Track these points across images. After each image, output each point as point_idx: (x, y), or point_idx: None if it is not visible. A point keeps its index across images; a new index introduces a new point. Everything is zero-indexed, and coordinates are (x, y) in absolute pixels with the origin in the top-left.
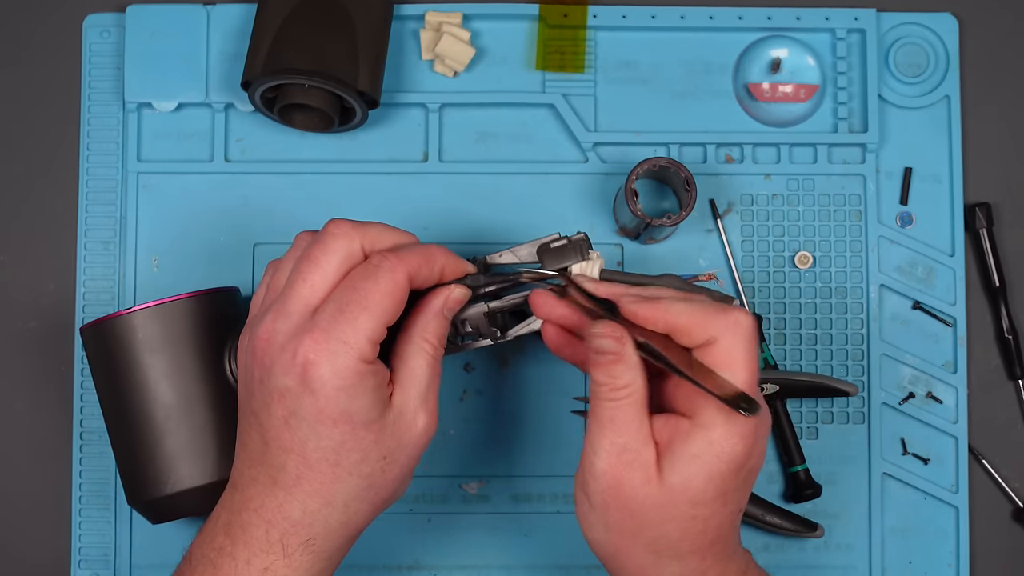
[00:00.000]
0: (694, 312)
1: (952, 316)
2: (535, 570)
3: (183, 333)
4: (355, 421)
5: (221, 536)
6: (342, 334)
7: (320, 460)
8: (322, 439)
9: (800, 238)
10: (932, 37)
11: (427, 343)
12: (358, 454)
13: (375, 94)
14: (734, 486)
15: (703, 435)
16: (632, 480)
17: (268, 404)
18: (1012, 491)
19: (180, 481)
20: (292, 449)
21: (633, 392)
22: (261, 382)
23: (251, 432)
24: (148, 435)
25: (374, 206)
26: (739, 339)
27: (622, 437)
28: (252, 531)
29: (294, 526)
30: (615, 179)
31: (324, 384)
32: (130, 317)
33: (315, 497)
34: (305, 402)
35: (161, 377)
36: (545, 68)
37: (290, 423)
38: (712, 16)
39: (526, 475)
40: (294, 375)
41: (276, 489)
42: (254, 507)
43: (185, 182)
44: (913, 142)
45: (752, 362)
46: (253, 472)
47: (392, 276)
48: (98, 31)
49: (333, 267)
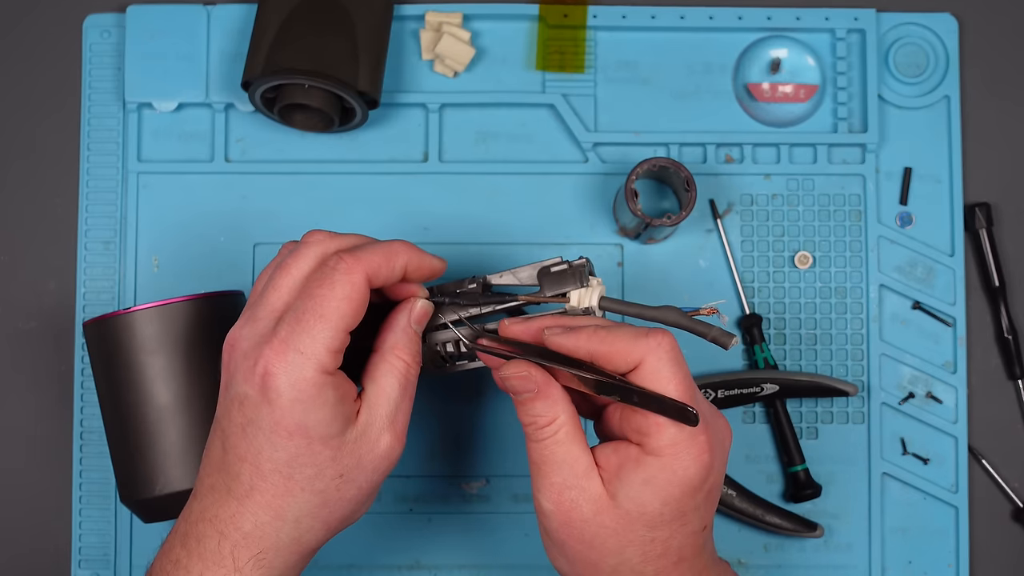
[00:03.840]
0: (616, 339)
1: (952, 316)
2: (535, 570)
3: (185, 335)
4: (311, 435)
5: (178, 548)
6: (299, 344)
7: (273, 471)
8: (276, 450)
9: (800, 238)
10: (932, 37)
11: (398, 359)
12: (312, 469)
13: (375, 94)
14: (692, 506)
15: (654, 460)
16: (581, 513)
17: (229, 410)
18: (1012, 491)
19: (171, 483)
20: (247, 458)
21: (559, 428)
22: (226, 388)
23: (214, 439)
24: (142, 435)
25: (374, 206)
26: (663, 358)
27: (559, 476)
28: (206, 543)
29: (245, 538)
30: (615, 179)
31: (281, 395)
32: (131, 316)
33: (266, 510)
34: (263, 411)
35: (159, 378)
36: (545, 68)
37: (247, 431)
38: (712, 16)
39: (526, 475)
40: (253, 384)
41: (230, 499)
42: (209, 517)
43: (185, 182)
44: (913, 142)
45: (681, 376)
46: (211, 480)
47: (348, 278)
48: (98, 31)
49: (302, 273)
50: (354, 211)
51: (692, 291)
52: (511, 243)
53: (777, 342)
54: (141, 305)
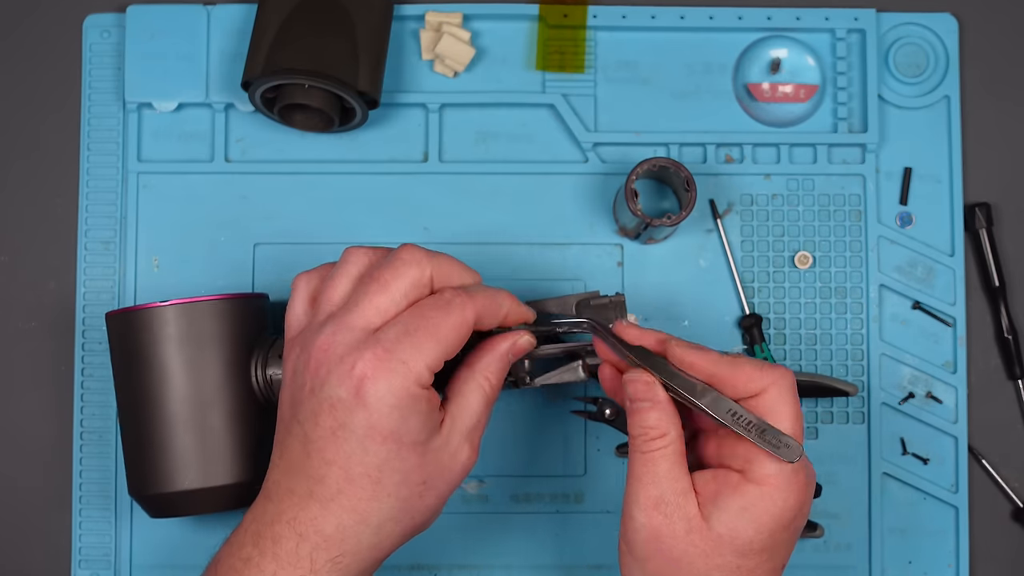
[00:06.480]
0: (741, 363)
1: (952, 316)
2: (535, 570)
3: (213, 333)
4: (403, 441)
5: (249, 547)
6: (404, 355)
7: (362, 475)
8: (368, 454)
9: (800, 238)
10: (932, 37)
11: (487, 382)
12: (400, 475)
13: (375, 94)
14: (783, 540)
15: (754, 489)
16: (674, 530)
17: (316, 414)
18: (1012, 491)
19: (186, 481)
20: (335, 462)
21: (668, 443)
22: (312, 392)
23: (292, 442)
24: (160, 431)
25: (374, 206)
26: (785, 391)
27: (658, 489)
28: (283, 543)
29: (326, 541)
30: (615, 179)
31: (379, 400)
32: (160, 311)
33: (351, 513)
34: (357, 416)
35: (184, 375)
36: (545, 68)
37: (337, 435)
38: (712, 16)
39: (526, 475)
40: (348, 387)
41: (312, 502)
42: (287, 519)
43: (185, 182)
44: (913, 142)
45: (797, 412)
46: (289, 483)
47: (462, 313)
48: (98, 31)
49: (401, 292)
50: (354, 211)
51: (692, 291)
52: (511, 243)
53: (777, 342)
54: (171, 300)
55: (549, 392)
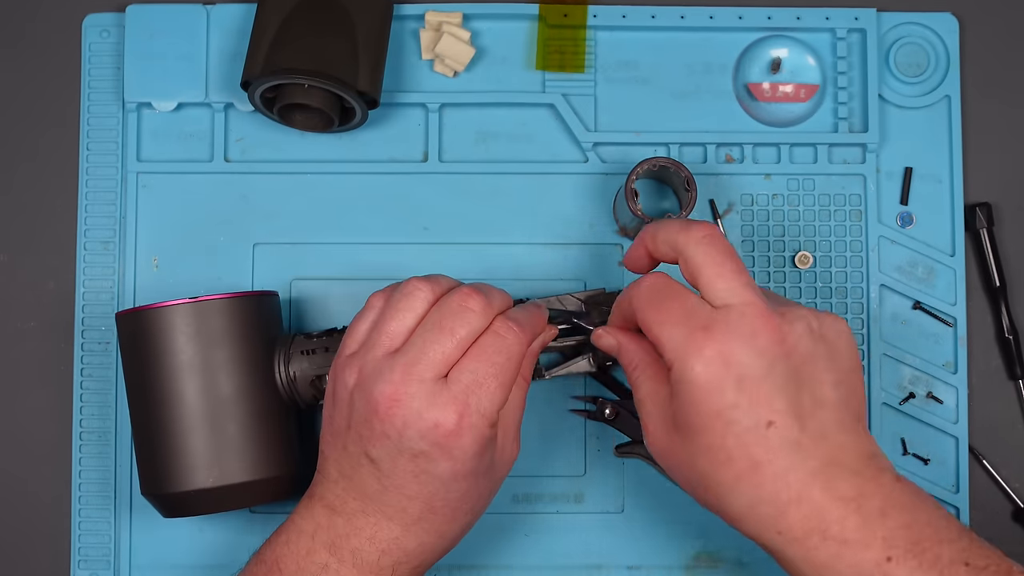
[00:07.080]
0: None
1: (952, 316)
2: (535, 570)
3: (227, 331)
4: (479, 473)
5: (324, 553)
6: (480, 406)
7: (444, 507)
8: (451, 492)
9: (800, 238)
10: (932, 37)
11: (524, 380)
12: (475, 497)
13: (375, 94)
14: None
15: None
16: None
17: (395, 459)
18: (1012, 491)
19: (203, 479)
20: (418, 497)
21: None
22: (385, 436)
23: (361, 471)
24: (178, 429)
25: (374, 206)
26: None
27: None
28: (363, 555)
29: (407, 555)
30: (615, 179)
31: (464, 452)
32: (172, 309)
33: (432, 534)
34: (442, 465)
35: (199, 373)
36: (545, 68)
37: (420, 478)
38: (712, 16)
39: (526, 475)
40: (431, 441)
41: (392, 524)
42: (367, 536)
43: (185, 182)
44: (913, 142)
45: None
46: (361, 505)
47: (520, 349)
48: (98, 31)
49: (466, 339)
50: (354, 211)
51: None
52: (511, 243)
53: None
54: (183, 299)
55: (549, 392)
